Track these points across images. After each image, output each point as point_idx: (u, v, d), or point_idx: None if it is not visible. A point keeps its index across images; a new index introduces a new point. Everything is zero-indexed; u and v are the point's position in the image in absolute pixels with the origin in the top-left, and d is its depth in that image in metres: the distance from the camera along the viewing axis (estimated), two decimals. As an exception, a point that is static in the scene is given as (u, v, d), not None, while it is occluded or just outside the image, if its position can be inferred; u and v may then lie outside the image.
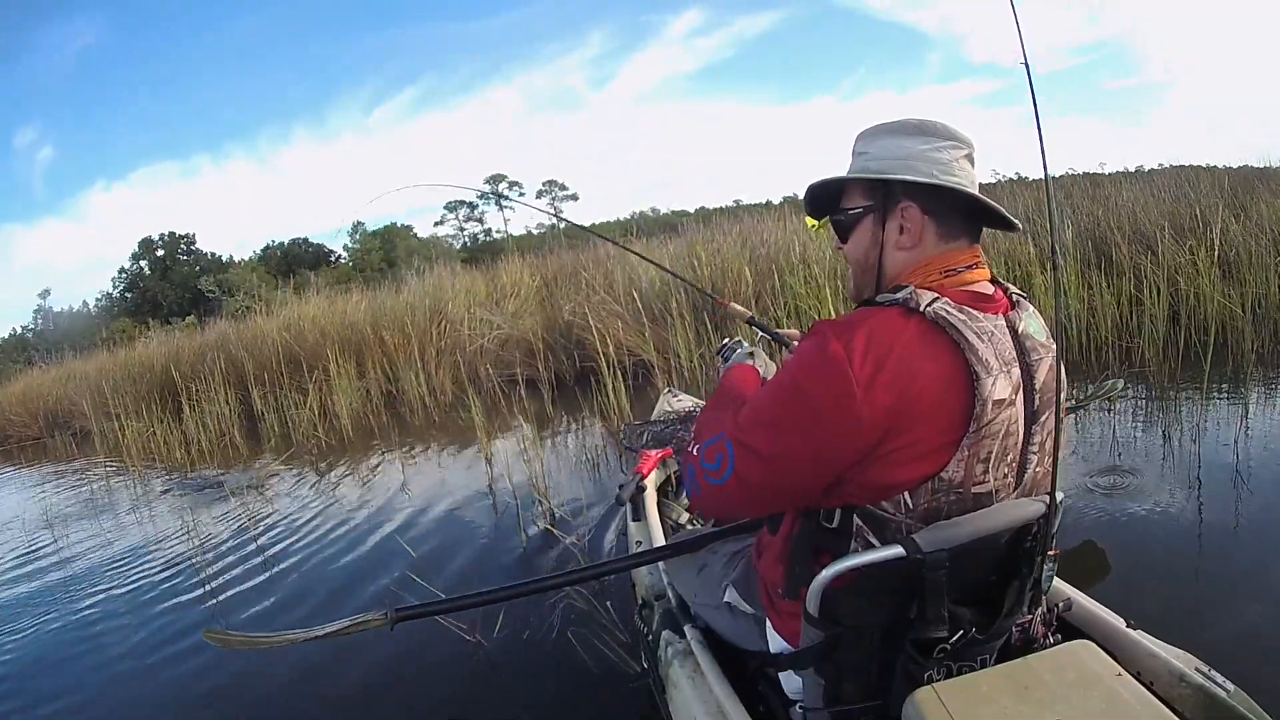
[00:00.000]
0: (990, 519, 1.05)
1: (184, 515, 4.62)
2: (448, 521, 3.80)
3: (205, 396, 7.20)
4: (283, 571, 3.48)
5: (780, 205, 12.13)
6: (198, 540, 4.03)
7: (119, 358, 10.49)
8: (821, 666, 1.11)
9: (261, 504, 4.72)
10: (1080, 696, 0.97)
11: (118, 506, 5.33)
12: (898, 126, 1.15)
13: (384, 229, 40.69)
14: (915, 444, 1.00)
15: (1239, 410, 3.66)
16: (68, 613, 3.37)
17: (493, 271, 9.84)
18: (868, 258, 1.17)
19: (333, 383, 6.83)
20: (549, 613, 2.55)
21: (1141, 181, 7.05)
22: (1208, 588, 2.24)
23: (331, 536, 3.86)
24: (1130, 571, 2.33)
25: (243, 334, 8.70)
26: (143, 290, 38.79)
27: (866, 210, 1.16)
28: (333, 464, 5.52)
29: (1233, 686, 1.16)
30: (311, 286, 11.08)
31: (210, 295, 25.50)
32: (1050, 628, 1.24)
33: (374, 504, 4.31)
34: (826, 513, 1.08)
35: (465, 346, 7.24)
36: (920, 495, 1.03)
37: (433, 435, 5.94)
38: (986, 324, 1.04)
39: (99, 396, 8.20)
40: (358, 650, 2.42)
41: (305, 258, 37.40)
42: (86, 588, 3.66)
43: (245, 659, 2.49)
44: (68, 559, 4.22)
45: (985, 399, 1.00)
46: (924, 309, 1.02)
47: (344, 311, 8.52)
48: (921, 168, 1.11)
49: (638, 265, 6.74)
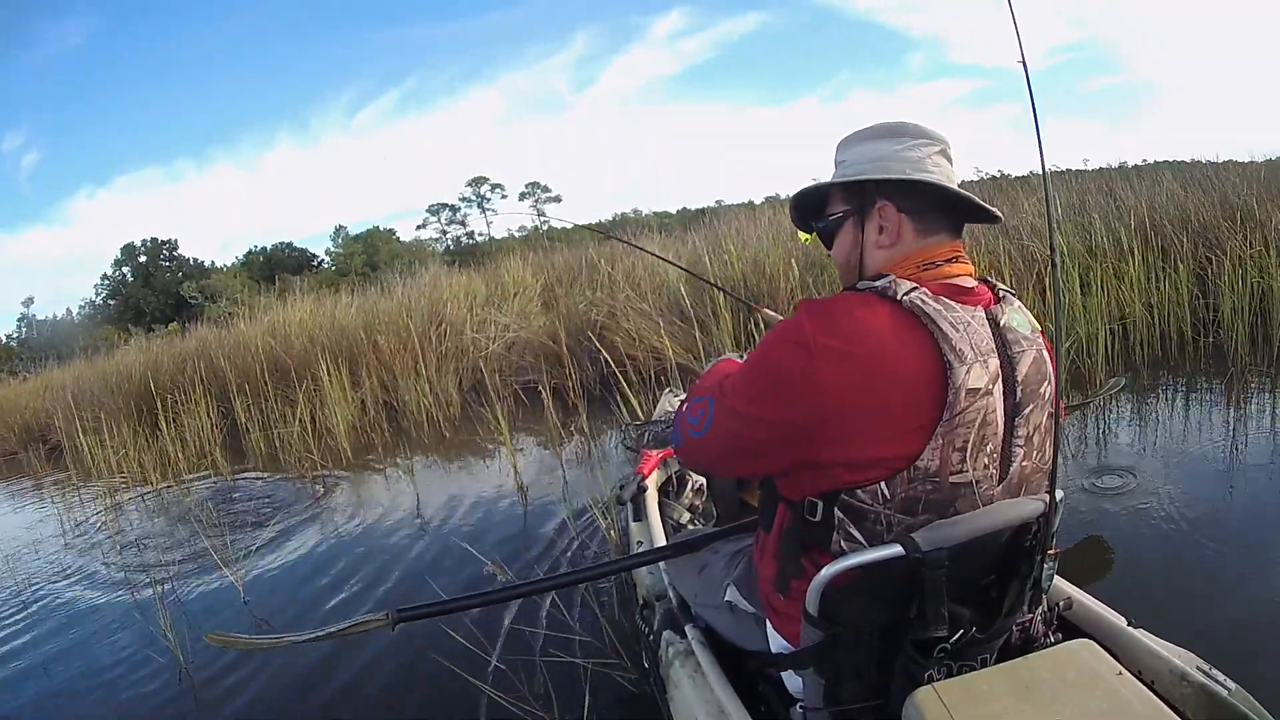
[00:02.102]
0: (989, 518, 1.06)
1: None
2: (462, 535, 3.53)
3: (185, 410, 6.55)
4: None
5: (761, 206, 11.79)
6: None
7: (97, 367, 9.86)
8: (821, 666, 1.12)
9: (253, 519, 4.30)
10: (1081, 696, 0.97)
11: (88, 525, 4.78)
12: (871, 131, 1.19)
13: (366, 233, 40.57)
14: (881, 423, 1.02)
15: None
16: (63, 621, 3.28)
17: (490, 271, 9.25)
18: (850, 259, 1.21)
19: (324, 393, 6.11)
20: (549, 613, 2.54)
21: (1145, 177, 6.86)
22: (1210, 585, 2.25)
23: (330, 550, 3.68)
24: (1132, 570, 2.35)
25: (224, 341, 8.07)
26: (125, 297, 38.55)
27: (846, 214, 1.20)
28: (328, 483, 4.95)
29: (1234, 685, 1.16)
30: (295, 291, 10.48)
31: (193, 301, 25.15)
32: (1051, 627, 1.25)
33: (377, 522, 4.00)
34: (810, 505, 1.09)
35: (469, 351, 6.68)
36: (897, 484, 1.04)
37: (441, 450, 5.37)
38: (963, 314, 1.06)
39: (74, 409, 7.63)
40: (358, 650, 2.44)
41: (288, 262, 37.11)
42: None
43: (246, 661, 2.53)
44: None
45: (959, 387, 1.02)
46: (900, 297, 1.04)
47: (333, 315, 7.94)
48: (893, 166, 1.14)
49: (661, 262, 6.29)
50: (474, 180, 51.91)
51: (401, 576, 3.24)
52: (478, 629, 2.44)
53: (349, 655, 2.47)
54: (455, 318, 7.11)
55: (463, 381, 6.48)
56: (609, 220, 27.90)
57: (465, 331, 6.88)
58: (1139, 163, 8.87)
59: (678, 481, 2.59)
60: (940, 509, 1.06)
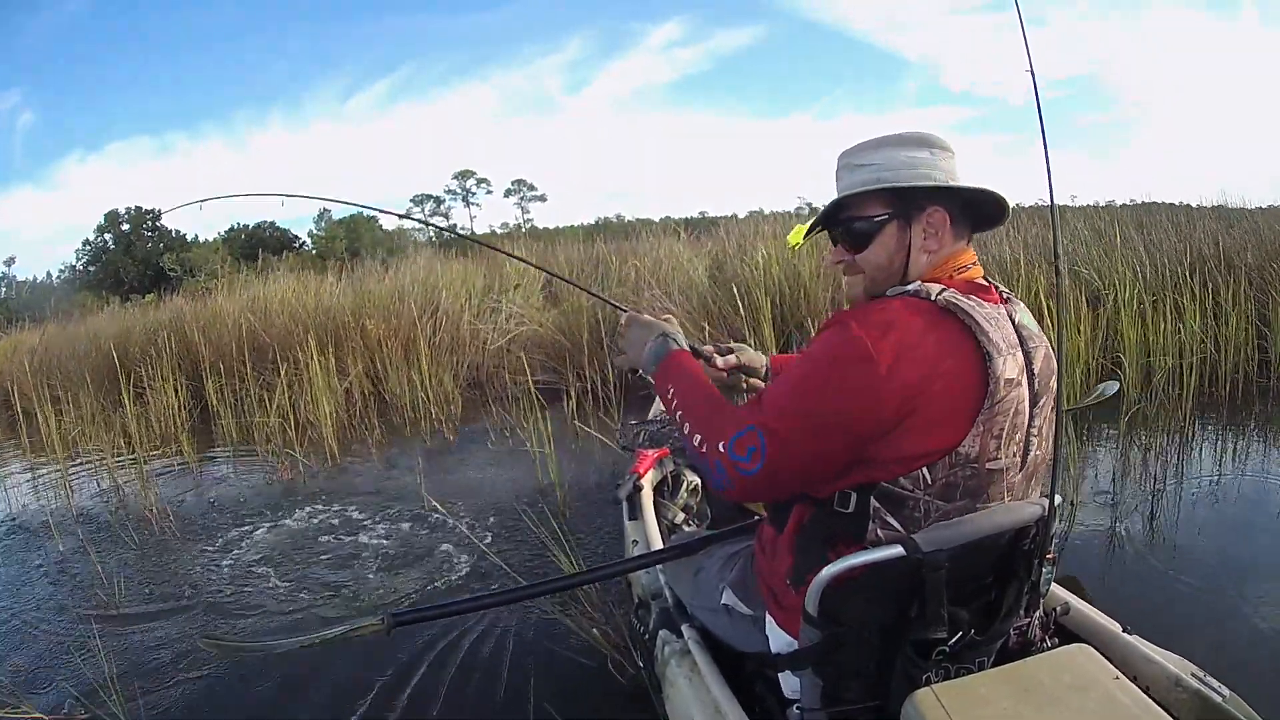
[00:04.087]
0: (989, 520, 1.09)
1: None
2: (466, 543, 3.20)
3: (152, 386, 5.94)
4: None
5: (745, 219, 11.74)
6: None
7: (67, 332, 9.25)
8: (820, 667, 1.13)
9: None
10: (1078, 699, 0.99)
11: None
12: (899, 139, 1.21)
13: (349, 218, 39.96)
14: (938, 417, 1.05)
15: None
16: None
17: (489, 261, 8.58)
18: (893, 262, 1.21)
19: (306, 378, 5.48)
20: (546, 615, 2.50)
21: (1144, 213, 7.05)
22: (1208, 595, 2.28)
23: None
24: (1130, 576, 2.39)
25: (200, 314, 7.50)
26: (106, 264, 37.58)
27: (891, 217, 1.21)
28: (309, 476, 4.44)
29: (1229, 692, 1.17)
30: (277, 268, 9.91)
31: (172, 274, 24.46)
32: (1048, 632, 1.26)
33: (369, 521, 3.61)
34: (840, 497, 1.11)
35: (467, 345, 6.18)
36: (939, 470, 1.07)
37: (440, 450, 4.84)
38: (990, 310, 1.12)
39: (36, 376, 7.04)
40: (354, 652, 2.36)
41: (270, 242, 36.08)
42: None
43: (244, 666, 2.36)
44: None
45: (998, 376, 1.06)
46: (934, 298, 1.09)
47: (317, 294, 7.42)
48: (939, 175, 1.19)
49: (683, 259, 6.01)
50: (460, 174, 51.97)
51: (398, 582, 2.96)
52: (474, 630, 2.45)
53: (341, 656, 2.35)
54: (452, 308, 6.63)
55: (459, 377, 5.98)
56: (593, 224, 27.60)
57: (464, 323, 6.40)
58: (1126, 201, 8.97)
59: (672, 481, 2.55)
60: (975, 495, 1.11)
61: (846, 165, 1.25)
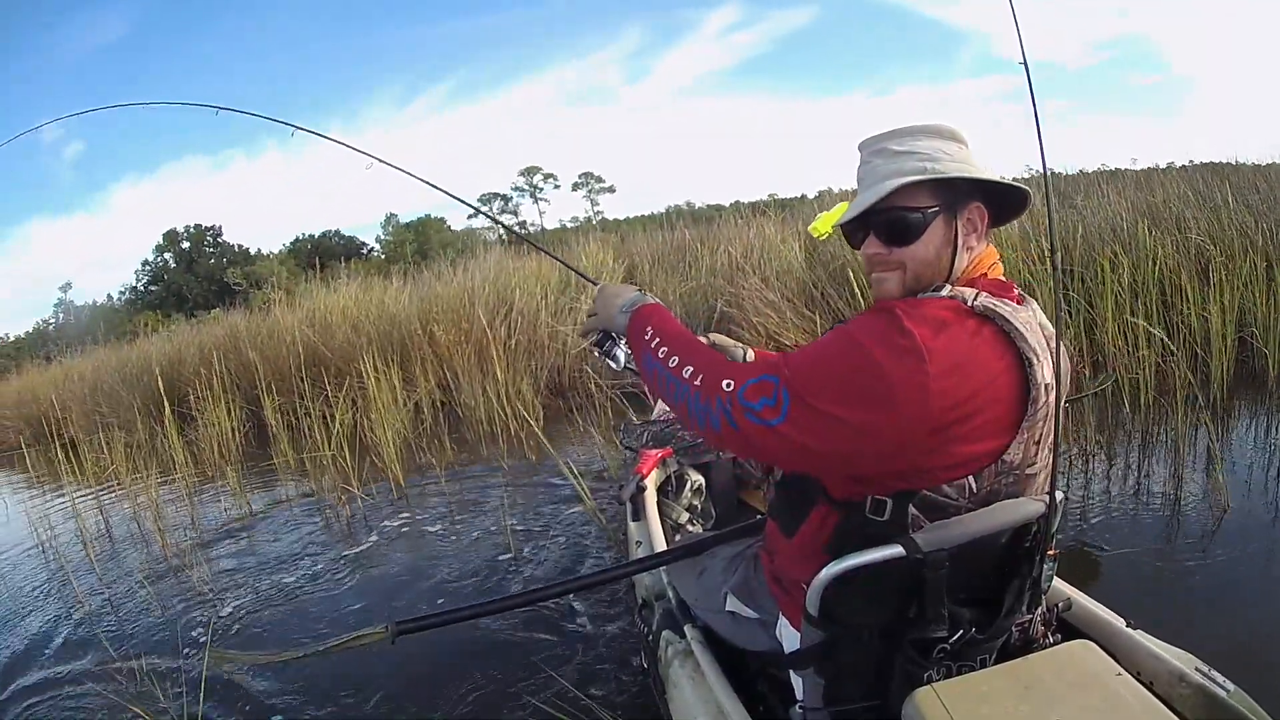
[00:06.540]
0: (990, 518, 1.05)
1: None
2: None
3: (200, 411, 5.39)
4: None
5: (815, 199, 11.20)
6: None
7: (119, 355, 8.86)
8: (821, 666, 1.11)
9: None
10: (1080, 696, 0.97)
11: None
12: (935, 129, 1.14)
13: (418, 221, 40.02)
14: (985, 426, 1.00)
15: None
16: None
17: (564, 255, 7.93)
18: (940, 257, 1.13)
19: (370, 395, 4.84)
20: (548, 617, 2.46)
21: (1210, 173, 6.32)
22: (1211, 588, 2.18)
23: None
24: (1131, 571, 2.30)
25: (257, 329, 6.96)
26: (167, 283, 38.12)
27: (940, 209, 1.12)
28: (369, 514, 3.77)
29: (1233, 686, 1.13)
30: (341, 276, 9.34)
31: (237, 288, 24.62)
32: (1050, 627, 1.22)
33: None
34: (875, 504, 1.05)
35: (545, 347, 5.45)
36: (984, 478, 1.03)
37: (521, 478, 4.12)
38: (1022, 314, 1.06)
39: (87, 403, 6.60)
40: (358, 658, 2.23)
41: (336, 250, 36.41)
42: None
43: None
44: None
45: (1039, 383, 1.02)
46: (971, 304, 1.03)
47: (382, 301, 6.84)
48: (974, 171, 1.12)
49: (776, 241, 5.35)
50: (526, 170, 51.51)
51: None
52: (476, 632, 2.42)
53: (347, 663, 2.28)
54: (527, 307, 5.92)
55: (540, 383, 5.26)
56: (662, 212, 26.97)
57: (540, 323, 5.67)
58: (1185, 164, 8.23)
59: (676, 481, 2.48)
60: (1012, 499, 1.08)
61: (880, 151, 1.15)
